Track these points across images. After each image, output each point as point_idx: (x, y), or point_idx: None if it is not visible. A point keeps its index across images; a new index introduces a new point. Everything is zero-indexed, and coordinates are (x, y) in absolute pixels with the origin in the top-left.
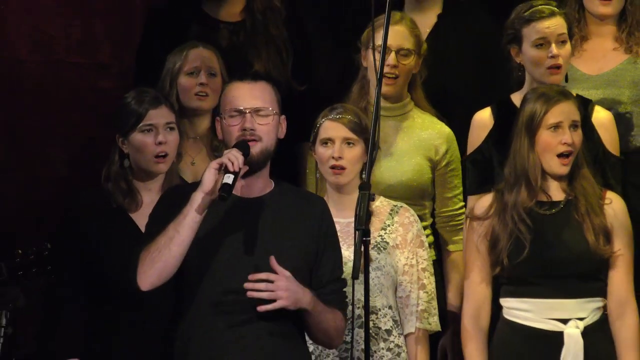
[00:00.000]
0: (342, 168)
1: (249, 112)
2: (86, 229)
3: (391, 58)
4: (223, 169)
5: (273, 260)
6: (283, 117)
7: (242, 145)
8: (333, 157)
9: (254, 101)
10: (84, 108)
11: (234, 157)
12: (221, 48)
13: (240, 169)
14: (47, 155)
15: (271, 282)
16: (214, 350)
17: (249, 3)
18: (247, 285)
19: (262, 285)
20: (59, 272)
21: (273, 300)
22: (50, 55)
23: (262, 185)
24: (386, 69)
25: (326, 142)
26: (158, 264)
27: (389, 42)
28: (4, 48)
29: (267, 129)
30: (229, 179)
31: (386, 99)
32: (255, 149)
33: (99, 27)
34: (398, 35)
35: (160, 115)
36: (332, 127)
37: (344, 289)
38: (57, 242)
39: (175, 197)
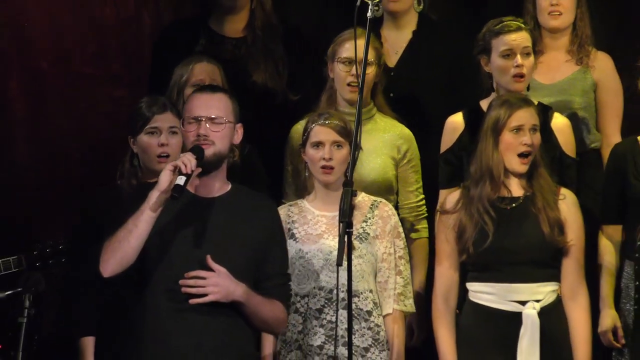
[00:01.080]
0: (332, 168)
1: (204, 120)
2: (102, 220)
3: (354, 69)
4: (177, 171)
5: (209, 259)
6: (239, 125)
7: (197, 150)
8: (324, 158)
9: (209, 110)
10: (98, 113)
11: (187, 160)
12: (225, 60)
13: (192, 171)
14: (66, 155)
15: (202, 278)
16: (162, 330)
17: (250, 21)
18: (181, 282)
19: (191, 282)
20: (77, 259)
21: (205, 295)
22: (68, 67)
23: (218, 186)
24: (350, 79)
25: (317, 144)
26: (118, 254)
27: (351, 55)
28: (29, 61)
29: (221, 135)
30: (181, 180)
31: (352, 105)
32: (209, 152)
33: (112, 42)
34: (360, 49)
35: (164, 120)
36: (322, 132)
37: (288, 283)
38: (76, 232)
39: (136, 195)
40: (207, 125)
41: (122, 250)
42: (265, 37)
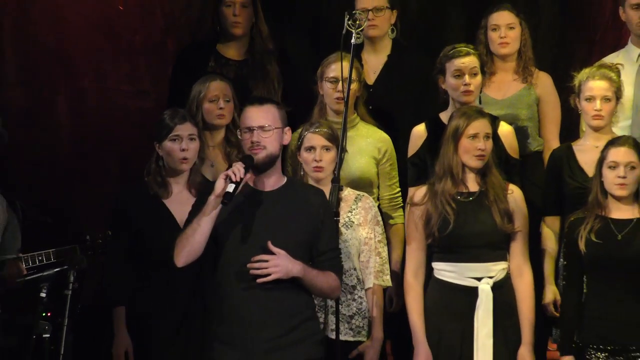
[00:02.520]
0: (322, 167)
1: (256, 129)
2: (132, 212)
3: (340, 85)
4: (228, 179)
5: (269, 244)
6: (287, 128)
7: (246, 159)
8: (315, 160)
9: (259, 120)
10: (130, 123)
11: (236, 170)
12: (230, 79)
13: (241, 178)
14: (103, 157)
15: (265, 261)
16: (237, 302)
17: (250, 46)
18: (248, 265)
19: (257, 265)
20: (112, 241)
21: (268, 275)
22: (105, 85)
23: (273, 181)
24: (337, 95)
25: (309, 149)
26: (187, 248)
27: (337, 75)
28: (73, 80)
29: (270, 140)
30: (230, 187)
31: (338, 115)
32: (261, 155)
33: (141, 64)
34: (345, 69)
35: (184, 129)
36: (313, 138)
37: (339, 256)
38: (112, 219)
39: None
40: (259, 133)
41: (190, 245)
42: (263, 60)
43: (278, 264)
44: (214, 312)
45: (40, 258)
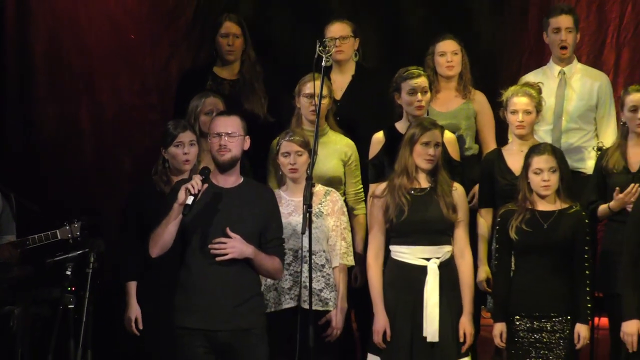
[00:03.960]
0: (296, 169)
1: (223, 135)
2: (143, 204)
3: (314, 101)
4: (188, 191)
5: (227, 230)
6: (247, 137)
7: (203, 172)
8: (290, 163)
9: (226, 128)
10: (141, 131)
11: (194, 183)
12: (224, 95)
13: (199, 190)
14: (119, 159)
15: (224, 243)
16: (200, 275)
17: (241, 68)
18: (209, 245)
19: (217, 245)
20: (124, 227)
21: (226, 254)
22: (121, 99)
23: (233, 180)
24: (311, 108)
25: (285, 154)
26: (159, 244)
27: (312, 92)
28: (94, 95)
29: (234, 145)
30: (189, 200)
31: (312, 124)
32: (227, 156)
33: (150, 82)
34: (317, 87)
35: (186, 137)
36: (288, 145)
37: (283, 245)
38: (126, 209)
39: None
40: (226, 138)
41: (161, 241)
42: (252, 79)
43: (234, 245)
44: (181, 285)
45: (40, 237)
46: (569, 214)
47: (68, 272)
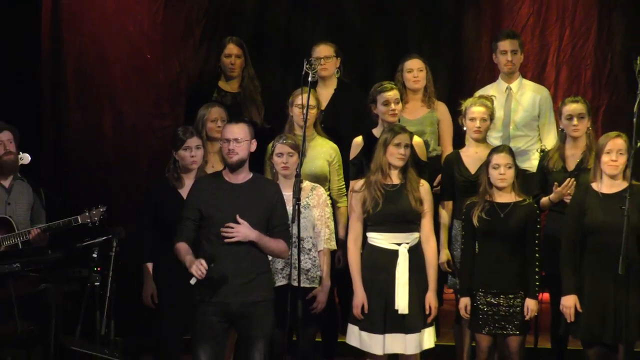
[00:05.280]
0: (287, 168)
1: (232, 140)
2: (157, 196)
3: (304, 110)
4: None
5: (237, 216)
6: (254, 140)
7: (209, 258)
8: (283, 163)
9: (234, 134)
10: (155, 136)
11: (197, 269)
12: (227, 106)
13: (202, 276)
14: (135, 160)
15: (232, 228)
16: (216, 252)
17: (242, 82)
18: (220, 229)
19: (225, 229)
20: (142, 216)
21: (232, 237)
22: (138, 109)
23: (242, 176)
24: (301, 116)
25: (279, 154)
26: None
27: (301, 102)
28: (115, 104)
29: (241, 149)
30: (193, 280)
31: (302, 129)
32: (235, 159)
33: (163, 94)
34: (305, 99)
35: (193, 141)
36: (281, 147)
37: (288, 229)
38: (144, 202)
39: (199, 183)
40: (234, 143)
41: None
42: (251, 92)
43: (239, 230)
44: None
45: (65, 223)
46: (522, 206)
47: (94, 255)
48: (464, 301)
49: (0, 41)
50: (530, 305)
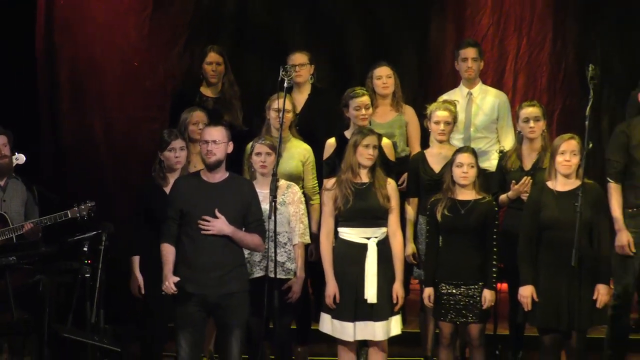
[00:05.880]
0: (265, 166)
1: (210, 142)
2: (145, 194)
3: (280, 114)
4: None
5: (216, 211)
6: (230, 142)
7: (179, 287)
8: (261, 162)
9: (213, 136)
10: (143, 138)
11: (167, 288)
12: (209, 110)
13: (170, 292)
14: (127, 160)
15: (208, 222)
16: (193, 251)
17: (222, 88)
18: (197, 222)
19: (202, 222)
20: (133, 211)
21: (208, 230)
22: (128, 113)
23: (219, 176)
24: (278, 119)
25: (257, 154)
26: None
27: (277, 106)
28: (106, 110)
29: (219, 150)
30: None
31: (278, 131)
32: (213, 159)
33: (152, 99)
34: (281, 103)
35: (177, 143)
36: (260, 147)
37: (263, 224)
38: (135, 200)
39: (178, 184)
40: (212, 145)
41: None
42: (230, 97)
43: (214, 224)
44: (179, 259)
45: (56, 218)
46: (481, 203)
47: (85, 249)
48: (428, 291)
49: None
50: (488, 295)
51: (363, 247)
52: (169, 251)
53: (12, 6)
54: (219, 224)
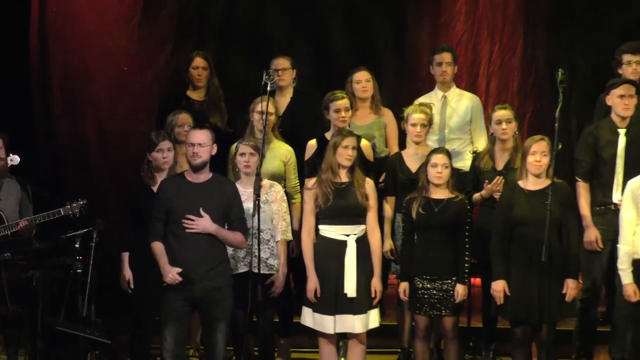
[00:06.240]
0: (249, 166)
1: (195, 144)
2: (135, 192)
3: (264, 116)
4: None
5: (201, 210)
6: (214, 145)
7: (184, 275)
8: (245, 162)
9: (198, 139)
10: (133, 139)
11: (172, 280)
12: (194, 112)
13: (175, 283)
14: (117, 161)
15: (192, 220)
16: (179, 248)
17: (207, 92)
18: (182, 220)
19: (186, 221)
20: (123, 209)
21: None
22: (118, 116)
23: (203, 176)
24: (261, 121)
25: (242, 154)
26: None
27: (261, 109)
28: (97, 113)
29: (204, 152)
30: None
31: (261, 133)
32: (198, 160)
33: (140, 102)
34: (265, 106)
35: (164, 144)
36: (244, 148)
37: (245, 223)
38: (125, 198)
39: (164, 185)
40: (197, 147)
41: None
42: (215, 100)
43: (198, 223)
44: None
45: (49, 215)
46: (454, 202)
47: (77, 245)
48: (403, 286)
49: None
50: (460, 290)
51: (343, 244)
52: (160, 247)
53: (6, 12)
54: (203, 223)
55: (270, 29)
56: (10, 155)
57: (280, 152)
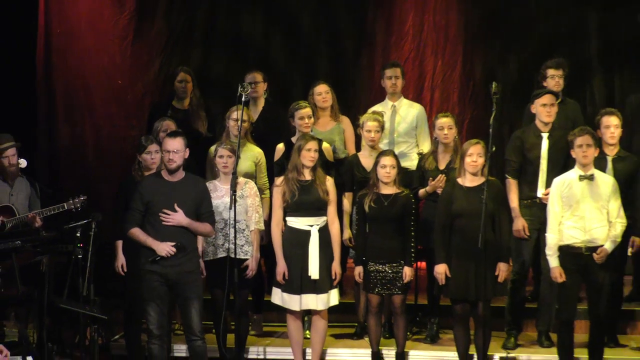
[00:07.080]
0: (227, 167)
1: (171, 151)
2: (127, 189)
3: (238, 123)
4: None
5: (175, 206)
6: (187, 149)
7: (178, 247)
8: (223, 162)
9: (173, 146)
10: (125, 143)
11: (168, 252)
12: (178, 120)
13: (169, 255)
14: (111, 162)
15: (168, 214)
16: (156, 238)
17: (190, 101)
18: (159, 214)
19: (162, 215)
20: (115, 204)
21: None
22: (112, 122)
23: (178, 176)
24: (236, 127)
25: (220, 156)
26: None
27: (236, 117)
28: (94, 119)
29: (178, 157)
30: (157, 258)
31: (236, 137)
32: (173, 165)
33: (131, 110)
34: (239, 114)
35: (152, 147)
36: (222, 150)
37: (213, 215)
38: (117, 193)
39: (144, 182)
40: (172, 154)
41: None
42: (197, 109)
43: (174, 217)
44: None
45: (54, 209)
46: (401, 196)
47: (78, 234)
48: (358, 269)
49: (5, 67)
50: (407, 271)
51: (307, 233)
52: (140, 231)
53: (15, 32)
54: (177, 217)
55: (249, 42)
56: (20, 159)
57: (252, 154)
